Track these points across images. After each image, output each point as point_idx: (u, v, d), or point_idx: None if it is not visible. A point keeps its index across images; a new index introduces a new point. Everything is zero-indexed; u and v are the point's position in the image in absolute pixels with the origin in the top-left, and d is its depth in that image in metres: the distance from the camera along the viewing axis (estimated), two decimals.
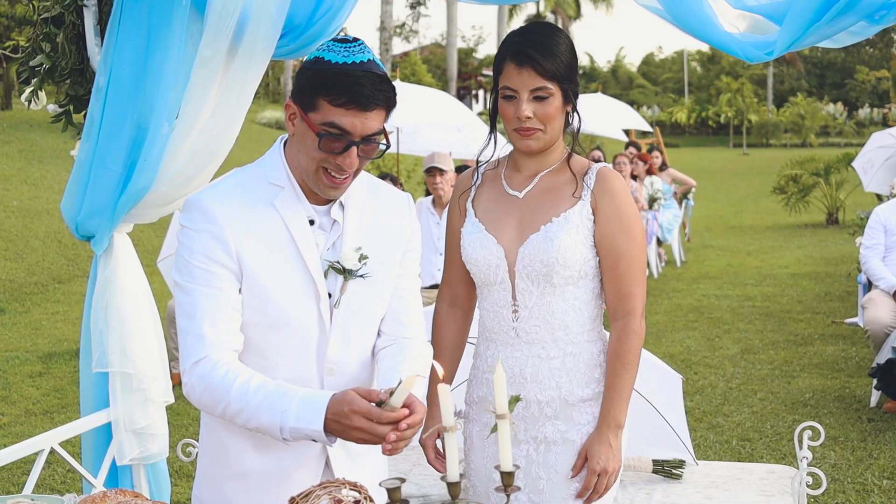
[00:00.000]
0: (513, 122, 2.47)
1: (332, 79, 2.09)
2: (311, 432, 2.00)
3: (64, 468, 5.39)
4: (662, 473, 3.62)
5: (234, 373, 2.08)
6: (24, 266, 11.77)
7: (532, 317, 2.52)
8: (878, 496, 4.80)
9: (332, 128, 2.10)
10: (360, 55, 2.12)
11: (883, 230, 6.55)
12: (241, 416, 2.06)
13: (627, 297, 2.51)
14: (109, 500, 1.96)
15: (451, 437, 1.92)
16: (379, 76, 2.12)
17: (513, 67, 2.44)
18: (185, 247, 2.17)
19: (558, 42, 2.46)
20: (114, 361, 3.02)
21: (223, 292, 2.14)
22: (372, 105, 2.10)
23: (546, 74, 2.42)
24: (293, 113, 2.18)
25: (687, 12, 2.86)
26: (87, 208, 2.98)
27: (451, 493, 1.95)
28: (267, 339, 2.21)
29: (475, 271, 2.59)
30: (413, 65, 30.67)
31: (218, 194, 2.20)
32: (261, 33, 2.82)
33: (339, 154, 2.12)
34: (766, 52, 2.84)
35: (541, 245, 2.47)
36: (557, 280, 2.48)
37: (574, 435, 2.53)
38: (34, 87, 3.07)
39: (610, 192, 2.49)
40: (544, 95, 2.43)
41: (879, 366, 5.85)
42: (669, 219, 12.74)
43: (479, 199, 2.63)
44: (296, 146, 2.20)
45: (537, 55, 2.42)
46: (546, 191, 2.54)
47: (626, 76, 61.68)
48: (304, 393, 2.04)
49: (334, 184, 2.17)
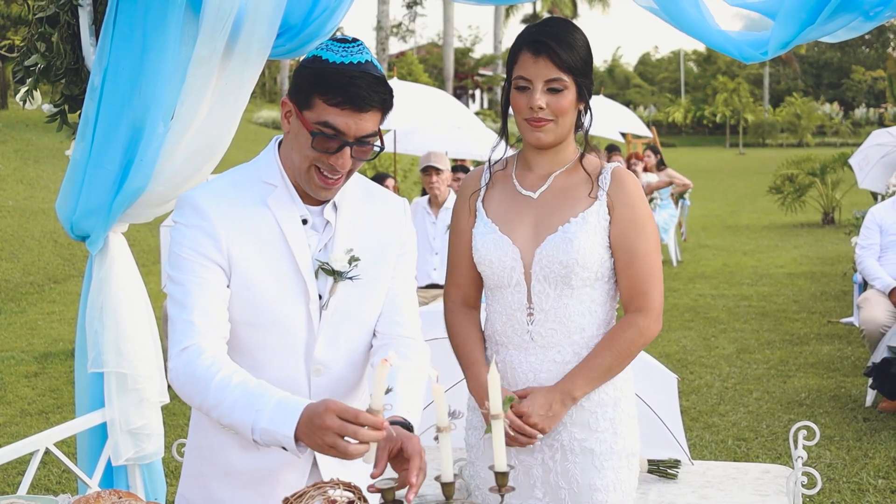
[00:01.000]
0: (524, 112, 2.42)
1: (328, 78, 2.09)
2: (282, 437, 1.93)
3: (59, 468, 5.38)
4: (658, 473, 3.62)
5: (217, 365, 2.05)
6: (20, 266, 11.75)
7: (548, 320, 2.46)
8: (873, 495, 4.81)
9: (326, 127, 2.10)
10: (359, 56, 2.12)
11: (878, 230, 6.56)
12: (217, 410, 2.02)
13: (643, 295, 2.46)
14: (104, 500, 1.95)
15: (446, 438, 1.92)
16: (376, 77, 2.12)
17: (529, 56, 2.40)
18: (176, 241, 2.18)
19: (576, 36, 2.43)
20: (109, 361, 3.02)
21: (211, 284, 2.14)
22: (367, 106, 2.10)
23: (562, 66, 2.38)
24: (289, 111, 2.18)
25: (682, 11, 2.87)
26: (83, 208, 2.98)
27: (446, 494, 1.95)
28: (255, 337, 2.21)
29: (488, 273, 2.52)
30: (410, 64, 30.64)
31: (211, 192, 2.21)
32: (257, 33, 2.82)
33: (333, 154, 2.12)
34: (761, 52, 2.85)
35: (559, 246, 2.42)
36: (576, 282, 2.44)
37: (593, 444, 2.47)
38: (29, 87, 3.06)
39: (625, 192, 2.46)
40: (559, 88, 2.39)
41: (875, 364, 5.86)
42: (666, 218, 12.77)
43: (490, 199, 2.57)
44: (290, 144, 2.20)
45: (555, 45, 2.38)
46: (561, 191, 2.49)
47: (623, 76, 61.72)
48: (282, 396, 1.99)
49: (326, 184, 2.17)
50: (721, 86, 47.19)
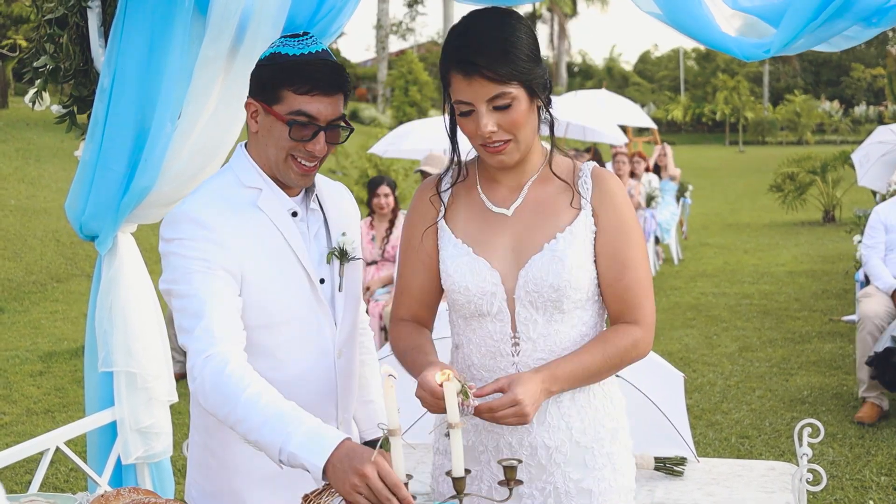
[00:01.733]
0: (477, 139, 2.11)
1: (292, 69, 2.18)
2: (309, 465, 1.92)
3: (67, 467, 5.40)
4: (664, 470, 3.64)
5: (247, 380, 2.03)
6: (23, 265, 11.76)
7: (537, 349, 2.16)
8: (875, 492, 4.83)
9: (299, 115, 2.19)
10: (315, 45, 2.23)
11: (883, 229, 6.56)
12: (243, 425, 2.01)
13: (637, 308, 2.17)
14: (123, 498, 1.97)
15: (457, 434, 1.93)
16: (336, 64, 2.24)
17: (461, 79, 2.05)
18: (182, 256, 2.16)
19: (510, 34, 2.06)
20: (118, 361, 3.04)
21: (225, 293, 2.15)
22: (333, 90, 2.21)
23: (501, 79, 2.03)
24: (255, 110, 2.26)
25: (686, 15, 2.87)
26: (91, 208, 3.00)
27: (457, 488, 1.96)
28: (274, 338, 2.24)
29: (464, 301, 2.19)
30: (410, 62, 30.60)
31: (203, 203, 2.23)
32: (261, 34, 2.83)
33: (309, 141, 2.21)
34: (763, 51, 2.86)
35: (547, 266, 2.13)
36: (567, 305, 2.15)
37: (591, 483, 2.20)
38: (38, 88, 3.08)
39: (609, 197, 2.18)
40: (505, 104, 2.05)
41: (877, 354, 5.85)
42: (667, 217, 12.79)
43: (455, 216, 2.25)
44: (262, 142, 2.27)
45: (485, 60, 2.02)
46: (538, 203, 2.20)
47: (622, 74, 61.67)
48: (314, 424, 1.98)
49: (304, 171, 2.25)
50: (721, 84, 47.12)
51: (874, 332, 6.04)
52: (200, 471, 2.39)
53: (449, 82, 2.10)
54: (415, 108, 28.43)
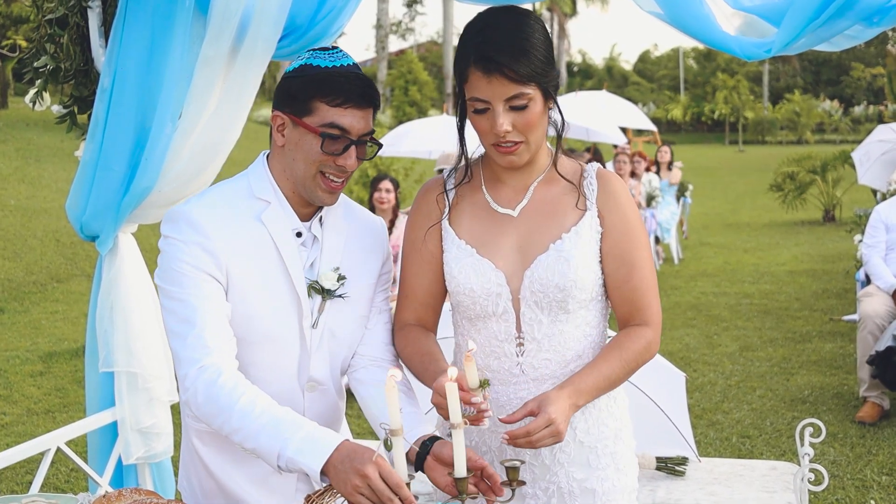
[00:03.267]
0: (489, 138, 2.11)
1: (325, 81, 2.12)
2: (308, 469, 1.94)
3: (67, 467, 5.39)
4: (666, 470, 3.64)
5: (240, 389, 2.04)
6: (23, 265, 11.76)
7: (541, 350, 2.18)
8: (877, 492, 4.83)
9: (332, 128, 2.12)
10: (346, 59, 2.18)
11: (884, 228, 6.56)
12: (239, 434, 2.01)
13: (645, 309, 2.20)
14: (125, 498, 1.96)
15: (459, 434, 1.93)
16: (367, 78, 2.18)
17: (480, 76, 2.05)
18: (171, 256, 2.15)
19: (529, 34, 2.06)
20: (119, 361, 3.03)
21: (214, 299, 2.13)
22: (366, 104, 2.15)
23: (522, 79, 2.04)
24: (282, 122, 2.19)
25: (687, 14, 2.87)
26: (92, 209, 3.00)
27: (459, 489, 1.97)
28: (247, 354, 2.19)
29: (469, 303, 2.20)
30: (409, 62, 30.61)
31: (204, 207, 2.20)
32: (262, 34, 2.83)
33: (340, 155, 2.14)
34: (764, 50, 2.86)
35: (553, 267, 2.14)
36: (572, 305, 2.16)
37: (594, 483, 2.21)
38: (38, 89, 3.07)
39: (615, 198, 2.20)
40: (523, 104, 2.06)
41: (878, 353, 5.85)
42: (667, 217, 12.79)
43: (459, 217, 2.25)
44: (288, 155, 2.19)
45: (507, 59, 2.02)
46: (545, 204, 2.21)
47: (621, 74, 61.66)
48: (312, 429, 1.99)
49: (332, 188, 2.18)
50: (720, 83, 47.13)
51: (875, 332, 6.04)
52: (192, 470, 2.38)
53: (466, 78, 2.09)
54: (414, 108, 28.46)
